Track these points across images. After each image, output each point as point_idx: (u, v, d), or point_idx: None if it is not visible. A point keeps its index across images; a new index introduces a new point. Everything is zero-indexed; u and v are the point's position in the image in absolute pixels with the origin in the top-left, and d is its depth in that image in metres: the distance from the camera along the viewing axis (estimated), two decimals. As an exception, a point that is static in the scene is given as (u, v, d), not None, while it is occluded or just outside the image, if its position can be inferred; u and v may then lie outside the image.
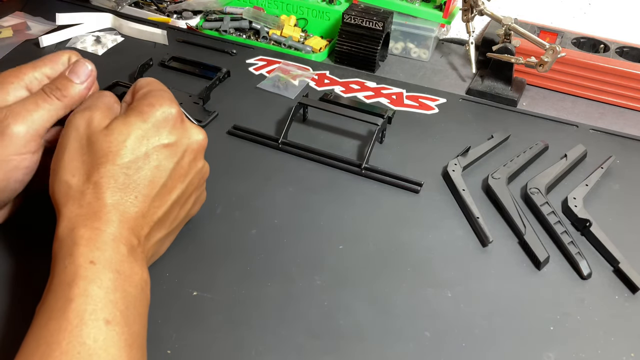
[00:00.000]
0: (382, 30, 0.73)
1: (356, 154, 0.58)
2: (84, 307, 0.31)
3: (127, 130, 0.37)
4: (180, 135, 0.40)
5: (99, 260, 0.33)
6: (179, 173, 0.40)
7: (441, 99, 0.69)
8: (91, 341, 0.30)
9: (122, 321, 0.32)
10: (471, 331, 0.41)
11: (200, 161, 0.42)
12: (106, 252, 0.34)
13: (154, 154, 0.38)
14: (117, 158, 0.36)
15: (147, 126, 0.38)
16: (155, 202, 0.38)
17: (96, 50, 0.74)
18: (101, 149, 0.36)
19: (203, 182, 0.44)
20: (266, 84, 0.69)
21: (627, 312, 0.43)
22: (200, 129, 0.42)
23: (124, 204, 0.36)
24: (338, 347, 0.39)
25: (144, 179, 0.37)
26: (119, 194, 0.36)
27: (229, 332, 0.39)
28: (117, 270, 0.34)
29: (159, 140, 0.38)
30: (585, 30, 0.79)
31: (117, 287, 0.33)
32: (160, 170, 0.38)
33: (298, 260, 0.45)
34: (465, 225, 0.50)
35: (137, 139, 0.37)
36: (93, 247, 0.34)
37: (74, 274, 0.32)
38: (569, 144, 0.60)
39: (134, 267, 0.35)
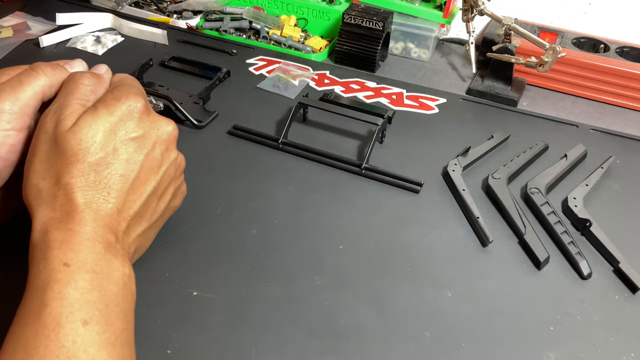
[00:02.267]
0: (382, 30, 0.73)
1: (356, 154, 0.58)
2: (60, 310, 0.31)
3: (95, 125, 0.37)
4: (148, 127, 0.40)
5: (73, 262, 0.33)
6: (151, 165, 0.40)
7: (441, 99, 0.69)
8: (69, 343, 0.30)
9: (101, 320, 0.32)
10: (471, 331, 0.41)
11: (173, 152, 0.42)
12: (80, 252, 0.34)
13: (122, 147, 0.38)
14: (86, 156, 0.36)
15: (114, 119, 0.38)
16: (130, 197, 0.38)
17: (96, 50, 0.74)
18: (70, 149, 0.36)
19: (180, 173, 0.44)
20: (266, 84, 0.69)
21: (627, 312, 0.43)
22: (169, 120, 0.42)
23: (96, 201, 0.36)
24: (338, 347, 0.39)
25: (114, 174, 0.37)
26: (91, 192, 0.36)
27: (229, 332, 0.39)
28: (93, 270, 0.33)
29: (126, 133, 0.38)
30: (585, 30, 0.79)
31: (95, 286, 0.33)
32: (130, 163, 0.38)
33: (298, 260, 0.45)
34: (465, 225, 0.50)
35: (104, 134, 0.37)
36: (67, 249, 0.33)
37: (48, 277, 0.32)
38: (569, 144, 0.60)
39: (112, 264, 0.35)
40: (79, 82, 0.39)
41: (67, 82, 0.40)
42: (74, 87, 0.39)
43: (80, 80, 0.39)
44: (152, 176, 0.40)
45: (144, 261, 0.44)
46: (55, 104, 0.38)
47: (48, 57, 0.72)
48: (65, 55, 0.72)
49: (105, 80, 0.41)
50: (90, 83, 0.39)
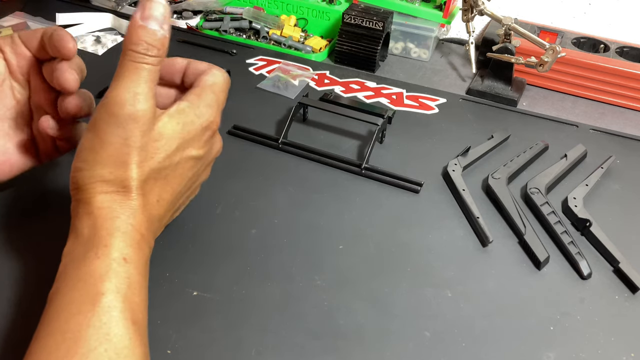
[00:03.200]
0: (382, 30, 0.73)
1: (356, 154, 0.58)
2: (115, 304, 0.31)
3: (173, 139, 0.36)
4: (208, 149, 0.40)
5: (132, 260, 0.34)
6: (193, 181, 0.41)
7: (441, 99, 0.69)
8: (118, 340, 0.30)
9: (143, 324, 0.33)
10: (471, 331, 0.41)
11: (209, 169, 0.43)
12: (137, 251, 0.34)
13: (181, 163, 0.38)
14: (155, 163, 0.36)
15: (188, 137, 0.37)
16: (169, 206, 0.39)
17: (96, 50, 0.74)
18: (146, 152, 0.35)
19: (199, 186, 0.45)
20: (266, 84, 0.69)
21: (627, 312, 0.43)
22: (220, 138, 0.43)
23: (150, 205, 0.37)
24: (338, 347, 0.39)
25: (168, 185, 0.38)
26: (148, 196, 0.37)
27: (229, 332, 0.39)
28: (142, 273, 0.34)
29: (190, 151, 0.38)
30: (585, 30, 0.79)
31: (142, 289, 0.34)
32: (182, 178, 0.39)
33: (298, 260, 0.45)
34: (465, 225, 0.50)
35: (177, 148, 0.37)
36: (127, 243, 0.34)
37: (108, 267, 0.32)
38: (569, 144, 0.60)
39: (148, 271, 0.36)
40: (145, 62, 0.34)
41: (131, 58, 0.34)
42: (140, 69, 0.34)
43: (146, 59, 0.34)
44: (188, 192, 0.41)
45: (144, 261, 0.44)
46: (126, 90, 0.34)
47: (48, 57, 0.72)
48: (65, 55, 0.72)
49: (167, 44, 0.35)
50: (157, 61, 0.35)
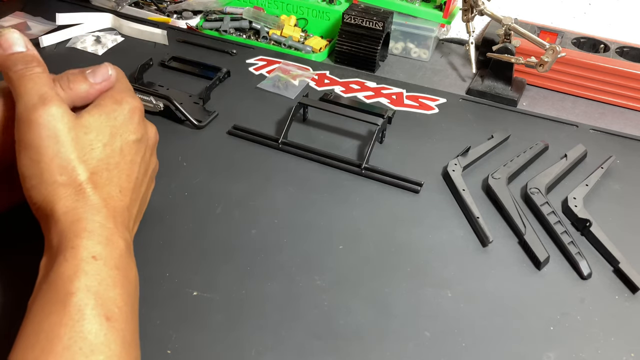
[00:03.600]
0: (382, 30, 0.73)
1: (356, 154, 0.58)
2: (86, 302, 0.31)
3: (102, 128, 0.37)
4: (143, 131, 0.41)
5: (101, 256, 0.33)
6: (145, 168, 0.41)
7: (441, 99, 0.69)
8: (92, 337, 0.30)
9: (120, 318, 0.32)
10: (471, 331, 0.41)
11: (154, 156, 0.44)
12: (107, 247, 0.34)
13: (126, 148, 0.38)
14: (98, 154, 0.36)
15: (117, 123, 0.38)
16: (133, 196, 0.39)
17: (96, 50, 0.74)
18: (83, 147, 0.36)
19: (154, 178, 0.46)
20: (266, 84, 0.69)
21: (627, 312, 0.43)
22: (152, 125, 0.43)
23: (112, 198, 0.37)
24: (338, 347, 0.39)
25: (122, 173, 0.38)
26: (107, 189, 0.36)
27: (229, 332, 0.39)
28: (116, 267, 0.34)
29: (128, 135, 0.39)
30: (585, 30, 0.79)
31: (117, 283, 0.33)
32: (133, 164, 0.39)
33: (298, 260, 0.45)
34: (465, 225, 0.50)
35: (112, 136, 0.38)
36: (95, 241, 0.34)
37: (76, 267, 0.32)
38: (569, 144, 0.60)
39: (129, 262, 0.35)
40: (33, 72, 0.36)
41: (20, 74, 0.36)
42: (34, 78, 0.36)
43: (32, 70, 0.36)
44: (145, 178, 0.41)
45: (144, 261, 0.44)
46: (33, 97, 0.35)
47: (48, 57, 0.72)
48: (65, 55, 0.72)
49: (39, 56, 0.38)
50: (43, 69, 0.37)
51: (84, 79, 0.39)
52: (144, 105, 0.60)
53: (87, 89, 0.39)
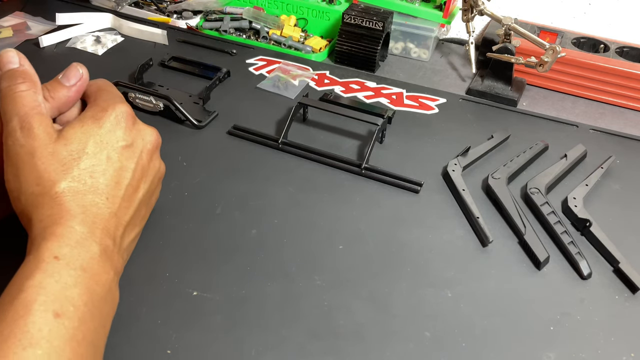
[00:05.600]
0: (382, 30, 0.73)
1: (356, 154, 0.58)
2: (34, 298, 0.31)
3: (85, 139, 0.38)
4: (135, 135, 0.41)
5: (64, 257, 0.33)
6: (141, 173, 0.41)
7: (441, 99, 0.69)
8: (35, 330, 0.30)
9: (74, 317, 0.32)
10: (471, 331, 0.41)
11: (157, 161, 0.44)
12: (75, 249, 0.34)
13: (114, 155, 0.39)
14: (80, 163, 0.37)
15: (104, 131, 0.39)
16: (123, 203, 0.39)
17: (96, 50, 0.74)
18: (62, 158, 0.37)
19: (160, 181, 0.46)
20: (266, 84, 0.69)
21: (627, 312, 0.43)
22: (152, 128, 0.43)
23: (96, 205, 0.37)
24: (338, 347, 0.39)
25: (110, 181, 0.38)
26: (90, 196, 0.37)
27: (229, 332, 0.39)
28: (82, 268, 0.34)
29: (117, 142, 0.39)
30: (585, 30, 0.79)
31: (78, 283, 0.33)
32: (123, 170, 0.39)
33: (298, 260, 0.45)
34: (465, 225, 0.50)
35: (96, 145, 0.38)
36: (63, 243, 0.34)
37: (35, 267, 0.32)
38: (569, 144, 0.60)
39: (104, 266, 0.35)
40: (17, 91, 0.38)
41: (4, 94, 0.38)
42: (16, 97, 0.38)
43: (17, 88, 0.38)
44: (141, 184, 0.41)
45: (144, 261, 0.44)
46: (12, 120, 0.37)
47: (48, 57, 0.72)
48: (66, 55, 0.72)
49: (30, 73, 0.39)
50: (28, 86, 0.39)
51: (60, 84, 0.41)
52: (144, 105, 0.61)
53: (65, 93, 0.41)
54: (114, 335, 0.38)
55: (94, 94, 0.42)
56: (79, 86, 0.41)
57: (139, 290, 0.42)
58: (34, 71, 0.40)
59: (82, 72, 0.42)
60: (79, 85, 0.41)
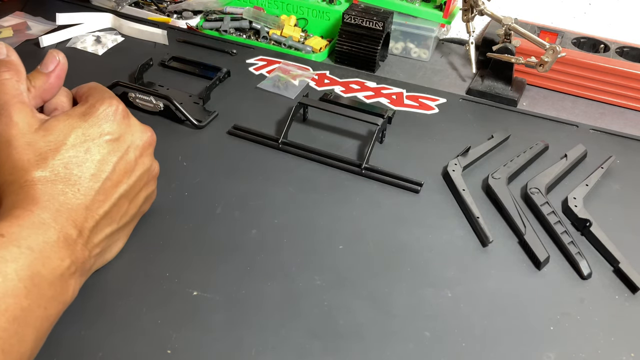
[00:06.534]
0: (382, 30, 0.73)
1: (356, 154, 0.58)
2: None
3: (67, 131, 0.38)
4: (124, 130, 0.41)
5: (10, 235, 0.33)
6: (124, 168, 0.40)
7: (441, 99, 0.69)
8: None
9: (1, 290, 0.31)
10: (471, 331, 0.41)
11: (148, 158, 0.43)
12: (27, 229, 0.34)
13: (95, 148, 0.39)
14: (56, 154, 0.37)
15: (87, 125, 0.39)
16: (99, 196, 0.39)
17: (96, 50, 0.74)
18: (40, 148, 0.37)
19: (153, 179, 0.45)
20: (266, 84, 0.69)
21: (627, 312, 0.43)
22: (147, 127, 0.43)
23: (64, 194, 0.37)
24: (338, 347, 0.39)
25: (86, 172, 0.38)
26: (61, 186, 0.37)
27: (229, 332, 0.39)
28: (29, 247, 0.34)
29: (100, 135, 0.39)
30: (585, 30, 0.79)
31: (17, 259, 0.33)
32: (103, 164, 0.39)
33: (298, 260, 0.45)
34: (465, 225, 0.50)
35: (77, 137, 0.38)
36: (15, 223, 0.34)
37: None
38: (569, 144, 0.60)
39: (59, 252, 0.35)
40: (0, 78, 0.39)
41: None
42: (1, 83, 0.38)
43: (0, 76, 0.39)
44: (124, 179, 0.41)
45: (144, 261, 0.44)
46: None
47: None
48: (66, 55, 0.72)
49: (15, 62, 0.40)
50: (11, 75, 0.39)
51: (39, 72, 0.41)
52: (144, 105, 0.61)
53: (45, 79, 0.41)
54: (114, 335, 0.38)
55: (85, 94, 0.42)
56: (58, 71, 0.41)
57: (139, 290, 0.42)
58: (19, 62, 0.40)
59: (59, 58, 0.42)
60: (58, 71, 0.41)
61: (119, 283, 0.42)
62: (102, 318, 0.39)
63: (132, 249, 0.44)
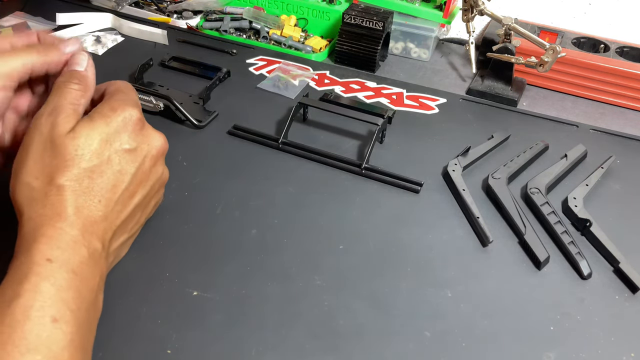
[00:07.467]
0: (382, 30, 0.73)
1: (356, 154, 0.58)
2: (31, 303, 0.31)
3: (92, 134, 0.38)
4: (141, 140, 0.40)
5: (57, 259, 0.33)
6: (140, 178, 0.40)
7: (441, 99, 0.69)
8: (33, 337, 0.30)
9: (71, 321, 0.32)
10: (471, 331, 0.41)
11: (161, 167, 0.43)
12: (66, 251, 0.34)
13: (116, 158, 0.38)
14: (82, 162, 0.37)
15: (110, 130, 0.38)
16: (117, 207, 0.39)
17: (96, 50, 0.74)
18: (67, 153, 0.37)
19: (162, 187, 0.45)
20: (266, 84, 0.69)
21: (627, 312, 0.43)
22: (160, 134, 0.43)
23: (87, 207, 0.37)
24: (338, 347, 0.39)
25: (107, 183, 0.38)
26: (83, 198, 0.36)
27: (229, 332, 0.39)
28: (73, 271, 0.34)
29: (120, 145, 0.39)
30: (585, 30, 0.79)
31: (72, 286, 0.33)
32: (122, 174, 0.39)
33: (298, 260, 0.45)
34: (465, 225, 0.50)
35: (101, 143, 0.38)
36: (53, 245, 0.34)
37: (28, 270, 0.32)
38: (569, 144, 0.60)
39: (93, 271, 0.35)
40: (68, 87, 0.40)
41: (57, 86, 0.40)
42: (65, 91, 0.39)
43: (69, 85, 0.40)
44: (140, 189, 0.41)
45: (144, 261, 0.44)
46: (49, 107, 0.38)
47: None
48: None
49: (89, 81, 0.41)
50: (79, 88, 0.40)
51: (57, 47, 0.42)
52: (144, 105, 0.61)
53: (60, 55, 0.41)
54: (114, 335, 0.38)
55: (109, 94, 0.41)
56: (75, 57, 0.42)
57: (139, 290, 0.42)
58: (93, 78, 0.41)
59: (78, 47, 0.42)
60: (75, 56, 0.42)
61: (119, 283, 0.42)
62: (102, 318, 0.39)
63: (133, 249, 0.44)
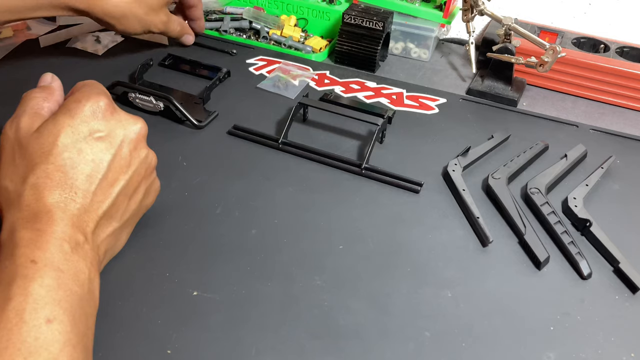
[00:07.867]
0: (382, 30, 0.73)
1: (356, 154, 0.58)
2: (24, 306, 0.31)
3: (56, 130, 0.38)
4: (114, 126, 0.40)
5: (40, 259, 0.33)
6: (120, 164, 0.40)
7: (441, 99, 0.69)
8: (31, 339, 0.30)
9: (65, 320, 0.32)
10: (471, 331, 0.41)
11: (143, 150, 0.42)
12: (47, 251, 0.34)
13: (87, 148, 0.38)
14: (49, 157, 0.37)
15: (76, 122, 0.38)
16: (97, 197, 0.38)
17: (96, 50, 0.74)
18: (34, 152, 0.37)
19: (151, 171, 0.44)
20: (266, 84, 0.69)
21: (627, 312, 0.43)
22: (137, 118, 0.42)
23: (63, 201, 0.36)
24: (338, 347, 0.39)
25: (81, 174, 0.38)
26: (58, 192, 0.36)
27: (229, 332, 0.39)
28: (59, 269, 0.34)
29: (90, 134, 0.39)
30: (585, 30, 0.79)
31: (60, 285, 0.33)
32: (97, 163, 0.39)
33: (298, 260, 0.45)
34: (465, 225, 0.50)
35: (67, 136, 0.38)
36: (34, 247, 0.34)
37: (14, 273, 0.32)
38: (569, 144, 0.60)
39: (80, 264, 0.35)
40: (30, 96, 0.41)
41: (22, 99, 0.41)
42: (27, 100, 0.41)
43: (31, 94, 0.41)
44: (121, 176, 0.40)
45: (144, 261, 0.44)
46: (14, 115, 0.40)
47: (48, 57, 0.72)
48: (66, 55, 0.72)
49: (54, 89, 0.42)
50: (41, 95, 0.41)
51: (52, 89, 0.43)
52: (144, 105, 0.61)
53: None
54: (114, 335, 0.38)
55: (75, 90, 0.42)
56: None
57: (139, 290, 0.42)
58: (58, 85, 0.43)
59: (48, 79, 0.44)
60: None
61: (119, 283, 0.42)
62: (102, 318, 0.39)
63: (132, 249, 0.44)
